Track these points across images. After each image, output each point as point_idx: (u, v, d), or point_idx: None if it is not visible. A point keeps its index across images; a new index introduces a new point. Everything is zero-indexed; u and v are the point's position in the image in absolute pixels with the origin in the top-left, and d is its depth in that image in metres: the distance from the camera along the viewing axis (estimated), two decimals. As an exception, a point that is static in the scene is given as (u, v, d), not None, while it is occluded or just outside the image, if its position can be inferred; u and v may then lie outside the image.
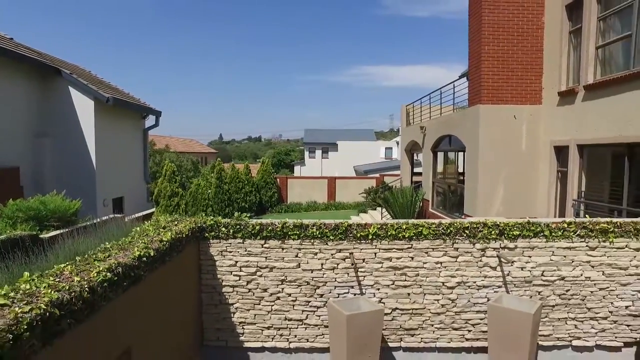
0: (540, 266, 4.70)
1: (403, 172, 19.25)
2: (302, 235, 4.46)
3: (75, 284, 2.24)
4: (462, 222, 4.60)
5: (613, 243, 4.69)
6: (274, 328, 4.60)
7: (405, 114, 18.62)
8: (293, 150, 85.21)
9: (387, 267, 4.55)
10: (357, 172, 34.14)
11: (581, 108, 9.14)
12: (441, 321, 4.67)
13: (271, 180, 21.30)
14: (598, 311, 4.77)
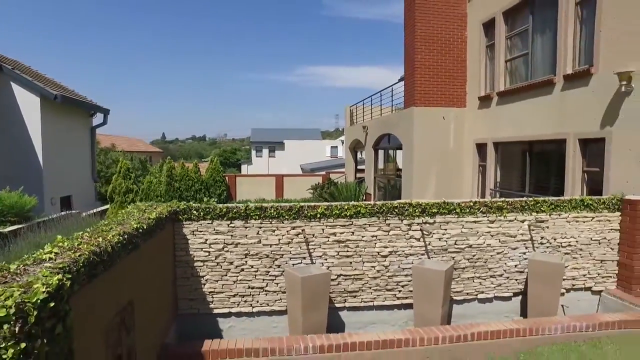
0: (453, 237, 5.92)
1: (347, 169, 20.51)
2: (262, 216, 5.35)
3: (101, 241, 3.00)
4: (392, 203, 5.70)
5: (506, 217, 6.02)
6: (239, 296, 5.43)
7: (349, 115, 19.86)
8: (239, 150, 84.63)
9: (332, 241, 5.56)
10: (303, 170, 35.15)
11: (495, 111, 10.70)
12: (377, 284, 5.75)
13: (220, 178, 21.73)
14: (496, 270, 6.08)
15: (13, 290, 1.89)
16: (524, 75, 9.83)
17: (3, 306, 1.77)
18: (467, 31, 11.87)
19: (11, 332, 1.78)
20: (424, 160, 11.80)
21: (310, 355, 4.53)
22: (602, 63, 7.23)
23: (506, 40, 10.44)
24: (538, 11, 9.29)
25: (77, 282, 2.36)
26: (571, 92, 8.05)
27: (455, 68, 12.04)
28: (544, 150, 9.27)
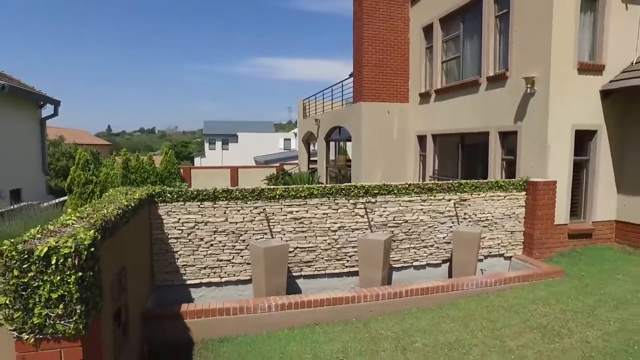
0: (392, 214, 7.02)
1: (301, 160, 21.43)
2: (229, 197, 6.17)
3: (106, 213, 3.74)
4: (340, 185, 6.70)
5: (435, 196, 7.21)
6: (208, 268, 6.23)
7: (302, 108, 20.74)
8: (190, 142, 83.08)
9: (290, 218, 6.48)
10: (257, 162, 35.69)
11: (434, 107, 11.98)
12: (328, 255, 6.75)
13: (175, 170, 21.87)
14: (428, 241, 7.27)
15: (69, 237, 2.66)
16: (457, 75, 11.15)
17: (67, 246, 2.55)
18: (409, 34, 13.09)
19: (72, 263, 2.57)
20: (371, 151, 12.94)
21: (273, 312, 5.43)
22: (514, 68, 8.60)
23: (442, 44, 11.73)
24: (467, 20, 10.60)
25: (102, 238, 3.13)
26: (493, 91, 9.40)
27: (399, 67, 13.24)
28: (473, 141, 10.63)
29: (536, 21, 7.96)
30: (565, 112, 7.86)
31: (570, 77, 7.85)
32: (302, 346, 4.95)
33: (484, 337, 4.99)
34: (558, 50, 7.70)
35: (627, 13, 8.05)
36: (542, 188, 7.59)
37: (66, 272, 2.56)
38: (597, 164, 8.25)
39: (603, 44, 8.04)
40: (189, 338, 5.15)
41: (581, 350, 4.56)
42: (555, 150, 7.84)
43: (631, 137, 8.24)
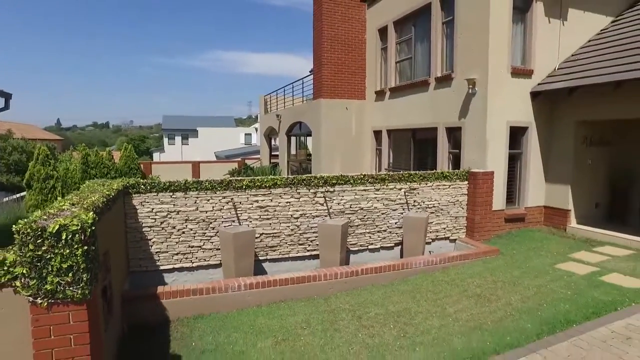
0: (349, 202, 7.75)
1: (262, 155, 21.87)
2: (199, 188, 6.66)
3: (94, 199, 4.19)
4: (302, 176, 7.34)
5: (388, 186, 8.01)
6: (181, 254, 6.70)
7: (264, 103, 21.15)
8: (147, 137, 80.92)
9: (255, 207, 7.06)
10: (218, 157, 35.66)
11: (388, 104, 12.82)
12: (291, 240, 7.38)
13: (135, 165, 21.69)
14: (381, 227, 8.06)
15: (73, 217, 3.15)
16: (409, 75, 12.04)
17: (74, 224, 3.05)
18: (366, 34, 13.86)
19: (79, 239, 3.07)
20: (331, 145, 13.66)
21: (243, 291, 6.00)
22: (458, 70, 9.54)
23: (396, 45, 12.58)
24: (418, 24, 11.48)
25: (98, 219, 3.61)
26: (440, 90, 10.32)
27: (356, 66, 14.00)
28: (424, 136, 11.54)
29: (476, 29, 8.90)
30: (501, 111, 8.87)
31: (505, 79, 8.86)
32: (270, 319, 5.56)
33: (427, 306, 5.80)
34: (494, 56, 8.68)
35: (549, 26, 9.16)
36: (481, 178, 8.57)
37: (74, 246, 3.05)
38: (529, 156, 9.35)
39: (532, 51, 9.12)
40: (165, 317, 5.62)
41: (505, 310, 5.46)
42: (493, 144, 8.84)
43: (555, 133, 9.39)
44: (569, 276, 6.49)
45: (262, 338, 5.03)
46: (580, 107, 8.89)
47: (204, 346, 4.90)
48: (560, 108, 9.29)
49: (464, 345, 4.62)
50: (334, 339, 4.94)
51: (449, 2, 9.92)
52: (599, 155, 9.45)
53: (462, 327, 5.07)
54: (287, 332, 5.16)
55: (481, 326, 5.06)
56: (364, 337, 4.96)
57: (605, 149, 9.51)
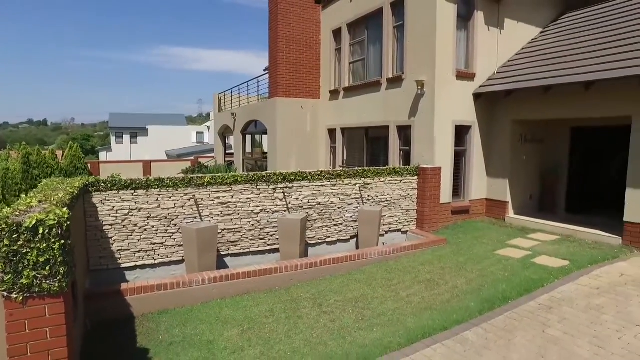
0: (307, 197, 8.09)
1: (217, 153, 21.73)
2: (161, 185, 6.74)
3: (60, 197, 4.24)
4: (262, 173, 7.59)
5: (343, 181, 8.43)
6: (143, 251, 6.75)
7: (218, 102, 21.02)
8: (92, 136, 77.18)
9: (217, 203, 7.22)
10: (169, 156, 34.84)
11: (342, 103, 13.27)
12: (252, 235, 7.61)
13: (82, 165, 20.83)
14: (338, 220, 8.47)
15: (49, 212, 3.25)
16: (362, 75, 12.55)
17: (52, 219, 3.17)
18: (321, 35, 14.24)
19: (57, 233, 3.19)
20: (286, 143, 13.93)
21: (207, 285, 6.17)
22: (408, 72, 10.14)
23: (350, 47, 13.05)
24: (371, 27, 12.00)
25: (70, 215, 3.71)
26: (392, 91, 10.89)
27: (311, 65, 14.35)
28: (376, 134, 12.10)
29: (424, 34, 9.52)
30: (447, 111, 9.55)
31: (450, 81, 9.55)
32: (235, 311, 5.79)
33: (382, 291, 6.26)
34: (441, 60, 9.33)
35: (489, 33, 9.98)
36: (430, 173, 9.20)
37: (51, 240, 3.16)
38: (472, 153, 10.13)
39: (474, 56, 9.89)
40: (130, 313, 5.69)
41: (451, 292, 6.02)
42: (440, 142, 9.50)
43: (494, 131, 10.24)
44: (506, 260, 7.21)
45: (229, 328, 5.25)
46: (516, 108, 9.77)
47: (171, 339, 5.06)
48: (499, 108, 10.14)
49: (416, 324, 5.10)
50: (298, 325, 5.26)
51: (400, 8, 10.50)
52: (532, 151, 10.42)
53: (415, 309, 5.56)
54: (253, 321, 5.42)
55: (431, 307, 5.58)
56: (325, 322, 5.31)
57: (537, 146, 10.50)
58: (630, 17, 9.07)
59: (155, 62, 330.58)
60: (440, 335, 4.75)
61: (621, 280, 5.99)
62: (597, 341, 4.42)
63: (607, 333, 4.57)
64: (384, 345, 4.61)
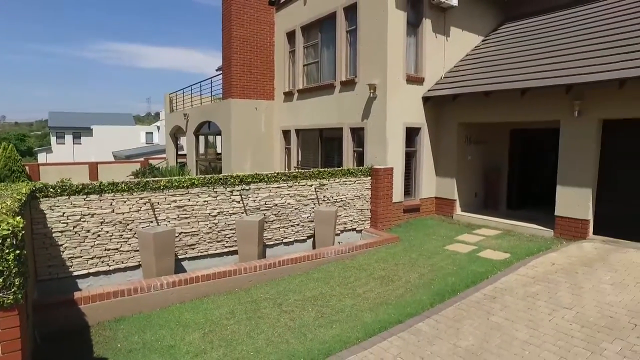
0: (264, 199, 8.18)
1: (169, 154, 21.20)
2: (115, 190, 6.58)
3: (8, 204, 4.10)
4: (219, 175, 7.60)
5: (300, 183, 8.60)
6: (96, 258, 6.56)
7: (169, 102, 20.50)
8: (27, 136, 72.39)
9: (174, 207, 7.16)
10: (117, 157, 33.42)
11: (296, 105, 13.43)
12: (210, 238, 7.61)
13: (19, 168, 19.53)
14: (295, 221, 8.63)
15: (1, 222, 3.17)
16: (316, 77, 12.77)
17: (5, 228, 3.09)
18: (275, 37, 14.31)
19: (11, 243, 3.12)
20: (241, 144, 13.89)
21: (165, 290, 6.11)
22: (361, 75, 10.47)
23: (304, 49, 13.23)
24: (324, 31, 12.24)
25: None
26: (345, 93, 11.19)
27: (265, 67, 14.39)
28: (330, 135, 12.36)
29: (376, 39, 9.89)
30: (398, 113, 9.97)
31: (401, 85, 9.98)
32: (195, 314, 5.79)
33: (340, 289, 6.49)
34: (392, 64, 9.73)
35: (436, 40, 10.53)
36: (382, 173, 9.57)
37: (5, 251, 3.08)
38: (422, 153, 10.63)
39: (422, 61, 10.39)
40: (84, 323, 5.52)
41: (405, 287, 6.36)
42: (392, 143, 9.90)
43: (442, 133, 10.82)
44: (454, 255, 7.69)
45: (190, 331, 5.27)
46: (461, 111, 10.37)
47: (130, 346, 5.00)
48: (446, 111, 10.71)
49: (373, 318, 5.37)
50: (259, 325, 5.37)
51: (352, 13, 10.81)
52: (476, 152, 11.10)
53: (371, 304, 5.83)
54: (214, 323, 5.46)
55: (386, 302, 5.88)
56: (286, 320, 5.46)
57: (481, 146, 11.20)
58: (561, 30, 9.91)
59: (99, 58, 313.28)
60: (396, 328, 5.04)
61: (552, 269, 6.59)
62: (532, 324, 4.88)
63: (540, 316, 5.06)
64: (344, 341, 4.83)
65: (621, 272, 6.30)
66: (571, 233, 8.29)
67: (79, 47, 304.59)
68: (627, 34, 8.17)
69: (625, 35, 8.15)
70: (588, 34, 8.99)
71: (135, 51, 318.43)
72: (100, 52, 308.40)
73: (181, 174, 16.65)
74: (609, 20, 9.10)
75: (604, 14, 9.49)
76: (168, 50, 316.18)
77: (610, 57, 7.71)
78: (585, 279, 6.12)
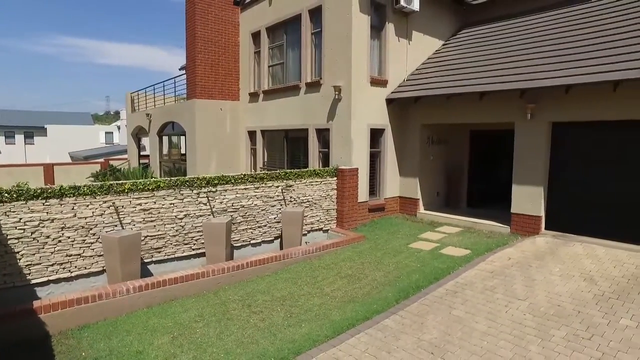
0: (231, 200, 8.18)
1: (131, 155, 20.62)
2: (77, 194, 6.41)
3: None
4: (185, 177, 7.54)
5: (266, 184, 8.65)
6: (57, 264, 6.36)
7: (131, 101, 19.94)
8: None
9: (139, 210, 7.04)
10: (74, 158, 32.13)
11: (262, 105, 13.42)
12: (177, 240, 7.53)
13: (-35, 170, 18.57)
14: (262, 222, 8.68)
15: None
16: (281, 78, 12.81)
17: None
18: (240, 37, 14.23)
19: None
20: (206, 145, 13.74)
21: (132, 294, 6.03)
22: (326, 77, 10.62)
23: (269, 50, 13.23)
24: (290, 32, 12.30)
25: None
26: (310, 95, 11.30)
27: (230, 67, 14.28)
28: (296, 136, 12.43)
29: (341, 42, 10.06)
30: (363, 115, 10.19)
31: (365, 87, 10.20)
32: (163, 318, 5.75)
33: (308, 289, 6.60)
34: (356, 67, 9.93)
35: (399, 43, 10.84)
36: (348, 174, 9.77)
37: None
38: (386, 154, 10.91)
39: (386, 64, 10.66)
40: (45, 332, 5.35)
41: (371, 285, 6.55)
42: (357, 144, 10.11)
43: (405, 134, 11.15)
44: (418, 252, 7.98)
45: (158, 336, 5.23)
46: (424, 113, 10.73)
47: (96, 354, 4.92)
48: (409, 113, 11.05)
49: (341, 316, 5.52)
50: (229, 327, 5.40)
51: (317, 15, 10.93)
52: (438, 152, 11.51)
53: (339, 303, 5.98)
54: (183, 327, 5.45)
55: (354, 300, 6.05)
56: (255, 321, 5.52)
57: (443, 147, 11.62)
58: (516, 37, 10.44)
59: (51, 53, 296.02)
60: (363, 325, 5.21)
61: (509, 264, 6.98)
62: (491, 316, 5.18)
63: (498, 308, 5.38)
64: (313, 339, 4.95)
65: (568, 264, 6.76)
66: (526, 229, 8.78)
67: (34, 41, 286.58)
68: (574, 43, 8.73)
69: (572, 45, 8.70)
70: (539, 42, 9.52)
71: (96, 47, 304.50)
72: (54, 47, 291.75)
73: (144, 176, 16.25)
74: (558, 30, 9.68)
75: (555, 24, 10.09)
76: (129, 47, 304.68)
77: (557, 65, 8.22)
78: (538, 271, 6.53)
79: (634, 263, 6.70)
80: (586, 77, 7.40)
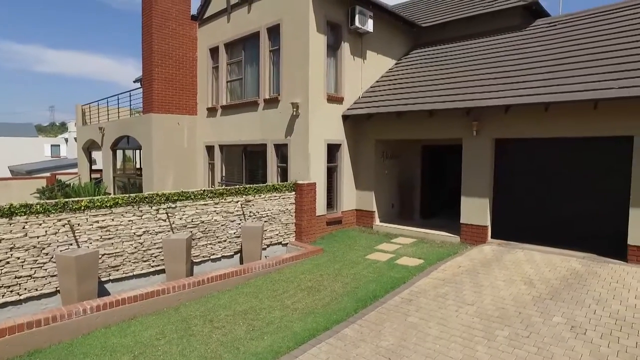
0: (190, 216, 8.19)
1: (81, 170, 19.85)
2: (29, 212, 6.22)
3: None
4: (144, 194, 7.48)
5: (226, 199, 8.73)
6: (4, 287, 6.11)
7: (81, 114, 19.28)
8: None
9: (96, 227, 6.92)
10: (15, 172, 30.34)
11: (220, 120, 13.47)
12: (135, 258, 7.43)
13: None
14: (222, 238, 8.72)
15: None
16: (240, 94, 12.94)
17: None
18: (197, 52, 14.24)
19: None
20: (163, 160, 13.56)
21: (89, 315, 5.89)
22: (284, 94, 10.89)
23: (227, 66, 13.34)
24: (248, 49, 12.50)
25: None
26: (269, 111, 11.52)
27: (188, 82, 14.24)
28: (255, 151, 12.57)
29: (298, 60, 10.39)
30: (320, 130, 10.52)
31: (322, 104, 10.56)
32: (123, 338, 5.68)
33: (269, 302, 6.73)
34: (313, 84, 10.28)
35: (354, 62, 11.33)
36: (306, 188, 10.02)
37: None
38: (342, 168, 11.28)
39: (342, 82, 11.10)
40: (-11, 360, 5.15)
41: (331, 296, 6.78)
42: (314, 159, 10.40)
43: (361, 149, 11.60)
44: (374, 263, 8.32)
45: (118, 356, 5.17)
46: (377, 129, 11.23)
47: (50, 377, 4.80)
48: (364, 129, 11.51)
49: (302, 327, 5.70)
50: (191, 342, 5.43)
51: (275, 34, 11.23)
52: (392, 166, 12.03)
53: (299, 314, 6.16)
54: (144, 345, 5.41)
55: (314, 311, 6.24)
56: (218, 336, 5.58)
57: (396, 161, 12.16)
58: (463, 58, 11.22)
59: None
60: (324, 335, 5.41)
61: (459, 271, 7.46)
62: (443, 321, 5.56)
63: (449, 314, 5.77)
64: (275, 351, 5.10)
65: (511, 270, 7.34)
66: (474, 238, 9.37)
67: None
68: (514, 67, 9.54)
69: (512, 68, 9.51)
70: (484, 64, 10.31)
71: (35, 54, 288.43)
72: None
73: (97, 192, 15.72)
74: (501, 54, 10.52)
75: (498, 48, 10.95)
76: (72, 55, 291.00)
77: (499, 86, 8.96)
78: (484, 278, 7.03)
79: (565, 266, 7.39)
80: (522, 99, 8.14)
